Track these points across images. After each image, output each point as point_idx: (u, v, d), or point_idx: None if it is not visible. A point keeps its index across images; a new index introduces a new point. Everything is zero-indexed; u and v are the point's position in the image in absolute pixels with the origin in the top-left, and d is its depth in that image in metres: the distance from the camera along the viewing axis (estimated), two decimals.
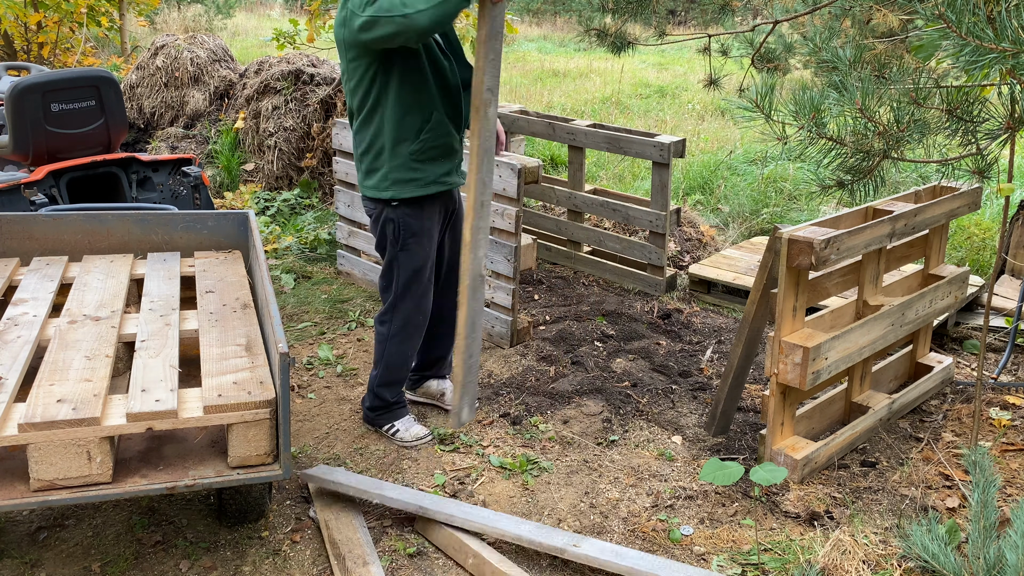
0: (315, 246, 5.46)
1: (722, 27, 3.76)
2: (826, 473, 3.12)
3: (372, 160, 3.06)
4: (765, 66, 4.34)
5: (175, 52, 7.75)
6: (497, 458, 3.23)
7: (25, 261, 3.34)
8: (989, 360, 4.04)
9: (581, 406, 3.61)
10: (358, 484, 2.87)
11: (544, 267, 5.29)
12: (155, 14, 14.59)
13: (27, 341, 2.64)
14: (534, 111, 5.40)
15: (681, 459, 3.26)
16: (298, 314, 4.54)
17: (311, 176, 6.67)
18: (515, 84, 11.72)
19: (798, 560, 2.61)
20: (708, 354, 4.12)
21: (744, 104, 2.63)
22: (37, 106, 4.08)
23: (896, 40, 3.66)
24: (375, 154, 3.05)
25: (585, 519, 2.90)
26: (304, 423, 3.48)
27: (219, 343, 2.69)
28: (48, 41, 9.26)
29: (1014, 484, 3.04)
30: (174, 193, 4.47)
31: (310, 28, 6.21)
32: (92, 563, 2.64)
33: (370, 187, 3.10)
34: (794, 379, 2.92)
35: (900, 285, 3.61)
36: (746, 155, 7.59)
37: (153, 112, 7.68)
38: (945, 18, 1.97)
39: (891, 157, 2.61)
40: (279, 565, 2.66)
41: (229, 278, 3.22)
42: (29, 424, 2.19)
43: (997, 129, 2.45)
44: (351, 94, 3.04)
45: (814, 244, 2.75)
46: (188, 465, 2.45)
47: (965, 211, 3.56)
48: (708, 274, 4.78)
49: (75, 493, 2.27)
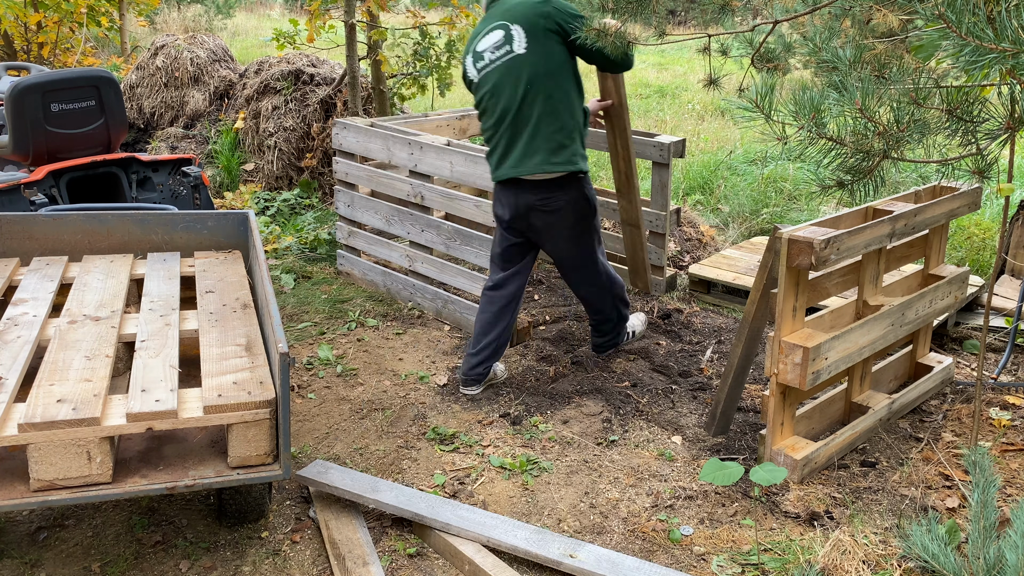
0: (315, 246, 5.46)
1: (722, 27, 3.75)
2: (826, 473, 3.12)
3: (564, 137, 3.44)
4: (765, 66, 4.34)
5: (175, 52, 7.75)
6: (497, 458, 3.23)
7: (25, 261, 3.34)
8: (989, 360, 4.04)
9: (581, 406, 3.61)
10: (352, 487, 2.87)
11: (544, 267, 5.29)
12: (155, 14, 14.60)
13: (27, 341, 2.64)
14: None
15: (681, 459, 3.26)
16: (298, 314, 4.54)
17: (311, 176, 6.67)
18: None
19: (798, 560, 2.61)
20: (708, 354, 4.12)
21: (744, 104, 2.63)
22: (37, 106, 4.08)
23: (896, 40, 3.66)
24: (568, 132, 3.44)
25: (585, 519, 2.90)
26: (304, 423, 3.48)
27: (219, 343, 2.69)
28: (48, 41, 9.26)
29: (1014, 484, 3.04)
30: (174, 193, 4.47)
31: (310, 28, 6.20)
32: (92, 563, 2.64)
33: (559, 162, 3.43)
34: (794, 379, 2.92)
35: (900, 285, 3.61)
36: (746, 155, 7.59)
37: (153, 112, 7.69)
38: (945, 18, 1.96)
39: (891, 157, 2.61)
40: (279, 565, 2.66)
41: (229, 278, 3.22)
42: (29, 424, 2.19)
43: (997, 129, 2.45)
44: (547, 76, 3.39)
45: (814, 244, 2.75)
46: (188, 465, 2.45)
47: (965, 211, 3.56)
48: (708, 274, 4.78)
49: (75, 493, 2.27)
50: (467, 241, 4.19)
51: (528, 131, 3.42)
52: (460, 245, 4.23)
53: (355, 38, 6.12)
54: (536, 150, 3.42)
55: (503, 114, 3.46)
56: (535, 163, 3.42)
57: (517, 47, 3.40)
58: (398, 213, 4.54)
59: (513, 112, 3.43)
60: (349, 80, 6.19)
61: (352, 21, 6.02)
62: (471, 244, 4.17)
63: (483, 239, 4.11)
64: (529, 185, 3.48)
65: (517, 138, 3.45)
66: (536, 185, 3.47)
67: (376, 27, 6.23)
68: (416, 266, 4.55)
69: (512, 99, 3.42)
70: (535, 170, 3.43)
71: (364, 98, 6.64)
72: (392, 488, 2.89)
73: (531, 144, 3.42)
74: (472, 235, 4.17)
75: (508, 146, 3.48)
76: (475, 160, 4.04)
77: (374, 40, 6.30)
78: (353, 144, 4.68)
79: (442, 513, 2.76)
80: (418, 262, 4.52)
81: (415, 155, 4.34)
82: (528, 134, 3.42)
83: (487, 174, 4.00)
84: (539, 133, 3.41)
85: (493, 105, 3.49)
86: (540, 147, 3.42)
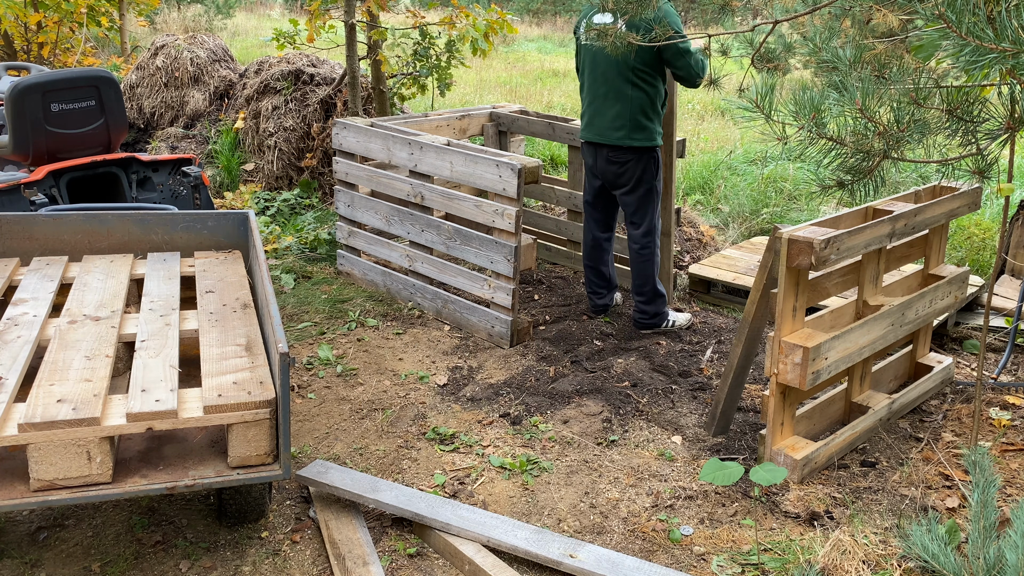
0: (315, 246, 5.46)
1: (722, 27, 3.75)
2: (826, 473, 3.12)
3: (645, 119, 4.05)
4: (765, 66, 4.34)
5: (175, 52, 7.75)
6: (497, 458, 3.23)
7: (25, 261, 3.34)
8: (989, 360, 4.04)
9: (581, 406, 3.61)
10: (352, 487, 2.87)
11: (544, 267, 5.29)
12: (155, 14, 14.59)
13: (27, 341, 2.64)
14: (534, 111, 5.40)
15: (681, 459, 3.26)
16: (298, 314, 4.54)
17: (311, 176, 6.67)
18: (515, 84, 11.72)
19: (798, 560, 2.61)
20: (708, 354, 4.12)
21: (744, 104, 2.63)
22: (37, 106, 4.08)
23: (896, 40, 3.66)
24: (648, 114, 4.05)
25: (585, 519, 2.90)
26: (304, 423, 3.48)
27: (219, 343, 2.69)
28: (48, 41, 9.25)
29: (1014, 484, 3.04)
30: (174, 193, 4.47)
31: (310, 28, 6.20)
32: (92, 563, 2.64)
33: (640, 138, 4.06)
34: (794, 379, 2.92)
35: (900, 285, 3.61)
36: (746, 155, 7.59)
37: (153, 112, 7.68)
38: (945, 18, 1.96)
39: (891, 157, 2.61)
40: (279, 565, 2.66)
41: (229, 278, 3.22)
42: (29, 424, 2.19)
43: (997, 129, 2.45)
44: (634, 70, 3.96)
45: (814, 244, 2.75)
46: (188, 465, 2.45)
47: (965, 211, 3.56)
48: (708, 274, 4.78)
49: (75, 493, 2.27)
50: (467, 241, 4.19)
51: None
52: (460, 245, 4.23)
53: (355, 38, 6.12)
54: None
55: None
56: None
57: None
58: (398, 213, 4.54)
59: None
60: (349, 80, 6.18)
61: (352, 21, 6.02)
62: (471, 244, 4.17)
63: (483, 239, 4.11)
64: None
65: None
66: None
67: (376, 27, 6.23)
68: (416, 266, 4.55)
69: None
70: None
71: (364, 98, 6.64)
72: (392, 488, 2.89)
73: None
74: (472, 235, 4.17)
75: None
76: (475, 160, 4.04)
77: (374, 40, 6.30)
78: (353, 144, 4.68)
79: (442, 513, 2.76)
80: (418, 262, 4.52)
81: (415, 155, 4.34)
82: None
83: (487, 174, 4.00)
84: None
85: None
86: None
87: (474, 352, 4.13)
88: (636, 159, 4.11)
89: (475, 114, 5.31)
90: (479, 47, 6.48)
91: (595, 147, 4.21)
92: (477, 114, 5.31)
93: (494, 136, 5.38)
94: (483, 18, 6.49)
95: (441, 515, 2.75)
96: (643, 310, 4.32)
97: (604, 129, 4.12)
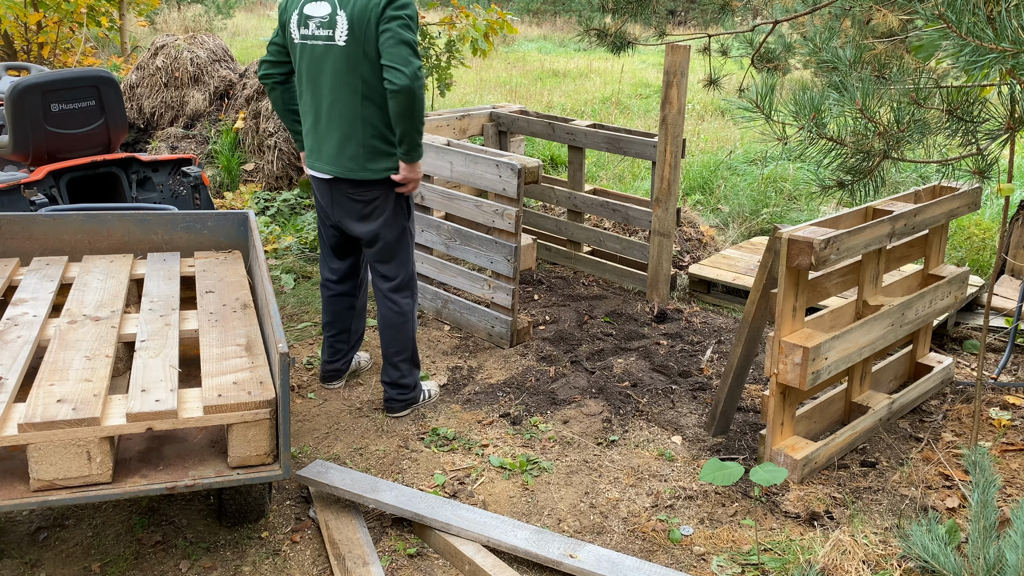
0: (315, 246, 5.46)
1: (722, 27, 3.76)
2: (826, 473, 3.12)
3: (384, 143, 3.17)
4: (765, 66, 4.35)
5: (175, 52, 7.75)
6: (497, 458, 3.23)
7: (25, 261, 3.34)
8: (989, 360, 4.04)
9: (581, 406, 3.61)
10: (352, 486, 2.87)
11: (544, 267, 5.29)
12: (155, 14, 14.60)
13: (27, 341, 2.64)
14: (534, 111, 5.41)
15: (681, 459, 3.26)
16: (298, 314, 4.54)
17: None
18: (515, 84, 11.72)
19: (798, 560, 2.61)
20: (708, 354, 4.12)
21: (744, 104, 2.63)
22: (37, 106, 4.08)
23: (896, 40, 3.66)
24: (386, 138, 3.17)
25: (585, 519, 2.90)
26: (304, 423, 3.48)
27: (219, 343, 2.69)
28: (48, 41, 9.25)
29: (1014, 484, 3.04)
30: (174, 193, 4.47)
31: None
32: (92, 563, 2.64)
33: (380, 169, 3.20)
34: (794, 379, 2.92)
35: (900, 285, 3.61)
36: (746, 155, 7.60)
37: (153, 112, 7.69)
38: (945, 18, 1.97)
39: (891, 157, 2.61)
40: (279, 565, 2.66)
41: (229, 278, 3.22)
42: (29, 424, 2.19)
43: (997, 129, 2.45)
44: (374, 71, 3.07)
45: (814, 244, 2.75)
46: (188, 465, 2.45)
47: (965, 211, 3.56)
48: (708, 274, 4.78)
49: (75, 493, 2.27)
50: (467, 241, 4.19)
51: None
52: (460, 245, 4.23)
53: None
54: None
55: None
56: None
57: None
58: None
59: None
60: None
61: None
62: (471, 244, 4.17)
63: (483, 239, 4.11)
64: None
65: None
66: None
67: None
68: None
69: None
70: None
71: None
72: (392, 488, 2.89)
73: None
74: (472, 235, 4.17)
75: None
76: (475, 160, 4.04)
77: None
78: None
79: (442, 513, 2.76)
80: (418, 262, 4.52)
81: None
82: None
83: (487, 174, 4.00)
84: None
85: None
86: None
87: (474, 352, 4.13)
88: (383, 195, 3.25)
89: (475, 114, 5.31)
90: (479, 47, 6.48)
91: (327, 182, 3.31)
92: (477, 114, 5.31)
93: (494, 136, 5.38)
94: (483, 18, 6.49)
95: (441, 515, 2.75)
96: (402, 384, 3.49)
97: (335, 158, 3.21)
